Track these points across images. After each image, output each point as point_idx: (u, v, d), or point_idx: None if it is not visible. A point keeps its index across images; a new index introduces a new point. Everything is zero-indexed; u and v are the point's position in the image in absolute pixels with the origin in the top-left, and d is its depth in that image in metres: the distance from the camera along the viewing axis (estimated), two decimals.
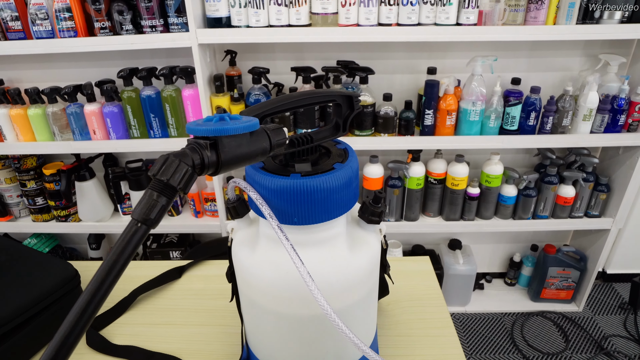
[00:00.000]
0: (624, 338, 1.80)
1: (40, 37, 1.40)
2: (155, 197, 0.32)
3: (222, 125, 0.35)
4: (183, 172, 0.32)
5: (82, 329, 0.30)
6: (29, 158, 1.68)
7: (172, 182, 0.32)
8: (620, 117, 1.51)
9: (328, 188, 0.44)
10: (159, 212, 0.32)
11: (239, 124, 0.36)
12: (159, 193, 0.32)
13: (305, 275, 0.40)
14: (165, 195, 0.32)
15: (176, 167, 0.32)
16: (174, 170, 0.32)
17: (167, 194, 0.32)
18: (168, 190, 0.32)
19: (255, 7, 1.33)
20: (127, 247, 0.31)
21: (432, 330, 0.71)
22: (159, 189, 0.32)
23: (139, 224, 0.31)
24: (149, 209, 0.31)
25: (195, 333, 0.71)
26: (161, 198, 0.32)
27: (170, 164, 0.32)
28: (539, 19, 1.36)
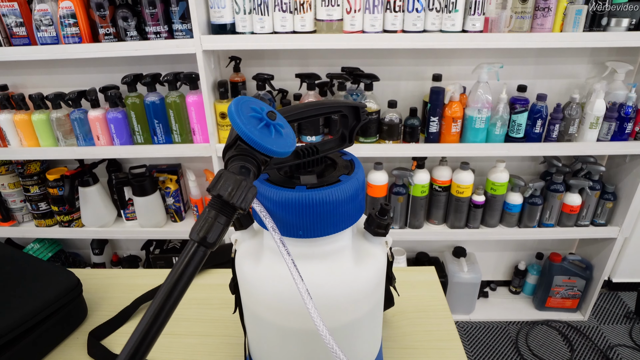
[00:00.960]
0: (629, 348, 1.77)
1: (45, 43, 1.40)
2: (213, 217, 0.31)
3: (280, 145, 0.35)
4: (247, 191, 0.31)
5: (142, 356, 0.29)
6: (32, 163, 1.68)
7: (234, 201, 0.31)
8: (627, 125, 1.50)
9: (334, 201, 0.43)
10: (220, 234, 0.31)
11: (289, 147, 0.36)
12: (218, 212, 0.31)
13: (303, 291, 0.39)
14: (225, 215, 0.31)
15: (239, 184, 0.31)
16: (236, 188, 0.31)
17: (227, 214, 0.31)
18: (228, 210, 0.31)
19: (260, 14, 1.33)
20: (187, 270, 0.30)
21: (437, 342, 0.69)
22: (218, 207, 0.31)
23: (197, 245, 0.30)
24: (208, 230, 0.30)
25: (198, 344, 0.70)
26: (221, 218, 0.31)
27: (236, 183, 0.31)
28: (545, 26, 1.35)
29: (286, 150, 0.36)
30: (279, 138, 0.36)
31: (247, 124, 0.34)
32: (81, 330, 0.73)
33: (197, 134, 1.53)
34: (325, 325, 0.38)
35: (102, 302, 0.80)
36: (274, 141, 0.35)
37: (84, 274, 0.82)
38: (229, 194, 0.30)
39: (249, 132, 0.34)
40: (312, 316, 0.38)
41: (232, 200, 0.30)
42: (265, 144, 0.34)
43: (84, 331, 0.72)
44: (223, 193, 0.30)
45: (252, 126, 0.35)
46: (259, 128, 0.35)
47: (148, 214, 1.69)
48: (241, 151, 0.35)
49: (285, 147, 0.36)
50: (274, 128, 0.36)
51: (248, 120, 0.35)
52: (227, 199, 0.30)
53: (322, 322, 0.38)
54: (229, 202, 0.30)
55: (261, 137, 0.34)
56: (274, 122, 0.36)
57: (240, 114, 0.35)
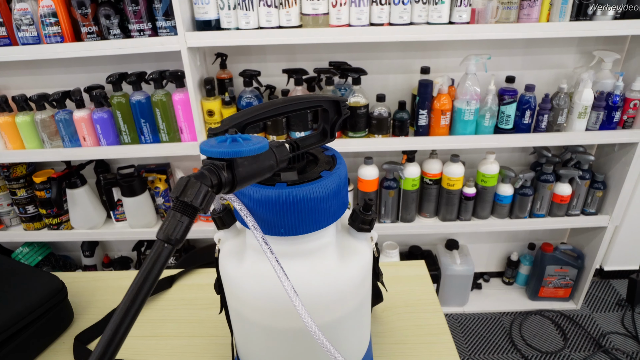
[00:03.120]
0: (622, 335, 1.79)
1: (26, 43, 1.37)
2: (178, 218, 0.33)
3: (237, 147, 0.36)
4: (204, 193, 0.34)
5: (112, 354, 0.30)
6: (18, 166, 1.66)
7: (194, 203, 0.33)
8: (615, 114, 1.50)
9: (315, 197, 0.42)
10: (183, 232, 0.33)
11: (253, 146, 0.37)
12: (182, 214, 0.33)
13: (289, 289, 0.38)
14: (188, 215, 0.33)
15: (197, 189, 0.33)
16: (195, 192, 0.33)
17: (189, 214, 0.33)
18: (190, 210, 0.33)
19: (245, 9, 1.32)
20: (155, 267, 0.32)
21: (427, 337, 0.69)
22: (182, 209, 0.33)
23: (165, 244, 0.33)
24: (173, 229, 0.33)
25: (186, 345, 0.69)
26: (184, 218, 0.33)
27: (191, 185, 0.33)
28: (532, 17, 1.34)
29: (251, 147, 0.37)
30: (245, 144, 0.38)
31: (208, 145, 0.38)
32: (67, 335, 0.72)
33: (185, 132, 1.52)
34: (313, 321, 0.38)
35: (89, 306, 0.78)
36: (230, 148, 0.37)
37: (70, 277, 0.81)
38: (185, 195, 0.33)
39: (202, 146, 0.37)
40: (299, 312, 0.38)
41: (191, 200, 0.33)
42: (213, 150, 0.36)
43: (70, 335, 0.71)
44: (183, 196, 0.33)
45: (210, 145, 0.37)
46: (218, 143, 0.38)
47: (138, 215, 1.68)
48: (205, 164, 0.38)
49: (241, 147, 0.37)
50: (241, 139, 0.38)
51: (211, 144, 0.38)
52: (186, 200, 0.33)
53: (310, 317, 0.38)
54: (187, 203, 0.33)
55: (211, 147, 0.37)
56: (237, 135, 0.38)
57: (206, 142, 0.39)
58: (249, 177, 0.38)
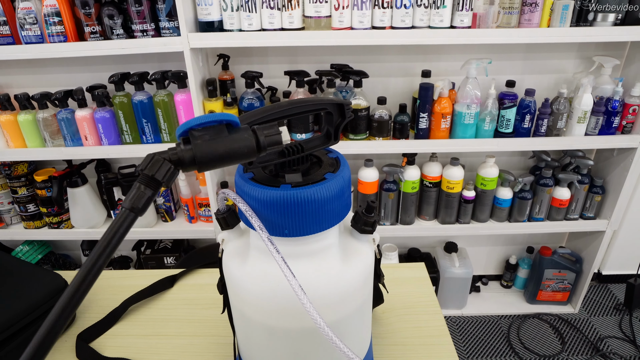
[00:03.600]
0: (619, 339, 1.80)
1: (30, 42, 1.38)
2: (142, 189, 0.36)
3: (190, 121, 0.38)
4: (166, 168, 0.36)
5: (70, 312, 0.33)
6: (19, 164, 1.66)
7: (157, 176, 0.36)
8: (615, 119, 1.51)
9: (319, 199, 0.43)
10: (146, 202, 0.36)
11: (206, 117, 0.38)
12: (146, 186, 0.36)
13: (297, 288, 0.39)
14: (151, 187, 0.36)
15: (160, 164, 0.36)
16: (158, 167, 0.36)
17: (153, 187, 0.36)
18: (153, 184, 0.36)
19: (248, 11, 1.32)
20: (118, 232, 0.35)
21: (427, 338, 0.70)
22: (146, 182, 0.36)
23: (128, 212, 0.35)
24: (137, 199, 0.35)
25: (188, 344, 0.70)
26: (147, 190, 0.36)
27: (156, 161, 0.36)
28: (533, 22, 1.35)
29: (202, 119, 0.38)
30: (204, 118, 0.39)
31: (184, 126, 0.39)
32: (69, 333, 0.72)
33: None
34: (321, 318, 0.38)
35: (91, 304, 0.79)
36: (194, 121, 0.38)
37: (71, 276, 0.82)
38: (149, 170, 0.36)
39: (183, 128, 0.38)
40: (307, 310, 0.38)
41: (153, 174, 0.36)
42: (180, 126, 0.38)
43: (73, 334, 0.72)
44: (148, 170, 0.36)
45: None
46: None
47: None
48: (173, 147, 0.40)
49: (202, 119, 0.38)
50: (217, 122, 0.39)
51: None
52: (149, 173, 0.36)
53: (319, 315, 0.38)
54: (150, 176, 0.36)
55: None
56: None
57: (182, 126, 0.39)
58: (214, 155, 0.38)
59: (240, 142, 0.38)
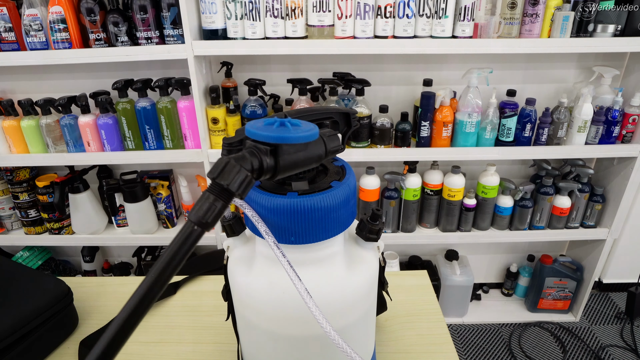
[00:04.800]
0: (620, 348, 1.79)
1: (35, 48, 1.39)
2: (212, 201, 0.31)
3: (284, 132, 0.34)
4: (242, 177, 0.32)
5: (132, 327, 0.29)
6: (22, 170, 1.66)
7: (231, 187, 0.31)
8: (615, 129, 1.52)
9: (326, 207, 0.43)
10: (215, 216, 0.31)
11: (302, 133, 0.35)
12: (217, 197, 0.31)
13: (304, 294, 0.39)
14: (222, 199, 0.31)
15: (237, 172, 0.31)
16: (234, 175, 0.31)
17: (224, 198, 0.31)
18: (225, 195, 0.32)
19: (252, 19, 1.34)
20: (182, 247, 0.31)
21: (430, 346, 0.70)
22: (217, 192, 0.31)
23: (195, 226, 0.31)
24: (206, 212, 0.31)
25: (190, 351, 0.70)
26: (218, 202, 0.31)
27: (230, 168, 0.31)
28: (533, 32, 1.37)
29: (299, 134, 0.35)
30: (294, 130, 0.36)
31: (254, 126, 0.36)
32: (72, 340, 0.72)
33: (189, 139, 1.53)
34: (328, 323, 0.38)
35: (93, 311, 0.79)
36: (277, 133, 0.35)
37: (74, 282, 0.82)
38: (222, 178, 0.31)
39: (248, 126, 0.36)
40: (315, 316, 0.38)
41: (230, 185, 0.31)
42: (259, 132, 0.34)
43: (75, 340, 0.72)
44: (220, 178, 0.31)
45: (257, 127, 0.36)
46: (265, 125, 0.36)
47: (139, 221, 1.68)
48: (248, 146, 0.36)
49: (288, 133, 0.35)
50: (289, 124, 0.36)
51: (257, 126, 0.36)
52: (223, 183, 0.31)
53: (326, 320, 0.38)
54: (226, 188, 0.31)
55: (257, 129, 0.35)
56: (286, 120, 0.37)
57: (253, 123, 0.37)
58: (293, 166, 0.36)
59: (314, 151, 0.39)
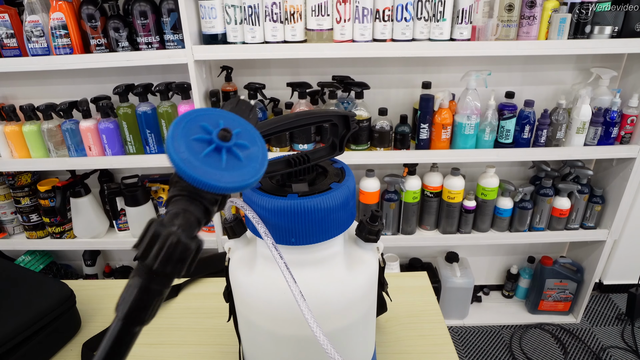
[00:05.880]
0: (622, 349, 1.79)
1: (36, 54, 1.40)
2: (138, 288, 0.24)
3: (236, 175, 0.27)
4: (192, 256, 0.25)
5: None
6: (23, 175, 1.67)
7: (176, 273, 0.24)
8: (613, 130, 1.53)
9: (325, 208, 0.44)
10: (154, 309, 0.25)
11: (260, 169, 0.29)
12: (154, 284, 0.25)
13: (297, 294, 0.40)
14: (165, 285, 0.25)
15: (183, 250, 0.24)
16: (179, 256, 0.24)
17: (166, 284, 0.25)
18: (167, 280, 0.25)
19: (251, 24, 1.35)
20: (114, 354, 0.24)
21: (431, 347, 0.70)
22: (144, 274, 0.25)
23: (124, 324, 0.25)
24: (140, 308, 0.24)
25: (192, 353, 0.70)
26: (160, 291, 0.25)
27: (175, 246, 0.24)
28: (531, 34, 1.38)
29: (239, 184, 0.27)
30: (233, 166, 0.28)
31: (184, 150, 0.26)
32: (75, 342, 0.73)
33: None
34: (319, 327, 0.39)
35: (96, 313, 0.79)
36: (222, 172, 0.27)
37: (77, 285, 0.82)
38: (156, 259, 0.23)
39: (182, 162, 0.25)
40: (305, 317, 0.39)
41: (163, 269, 0.24)
42: (203, 178, 0.25)
43: (78, 343, 0.72)
44: (152, 262, 0.24)
45: (193, 153, 0.26)
46: (204, 156, 0.27)
47: (141, 224, 1.69)
48: (182, 189, 0.27)
49: (238, 179, 0.27)
50: (226, 152, 0.28)
51: (189, 145, 0.26)
52: (157, 268, 0.24)
53: (316, 322, 0.39)
54: (157, 271, 0.24)
55: (200, 169, 0.26)
56: (228, 143, 0.28)
57: (177, 137, 0.26)
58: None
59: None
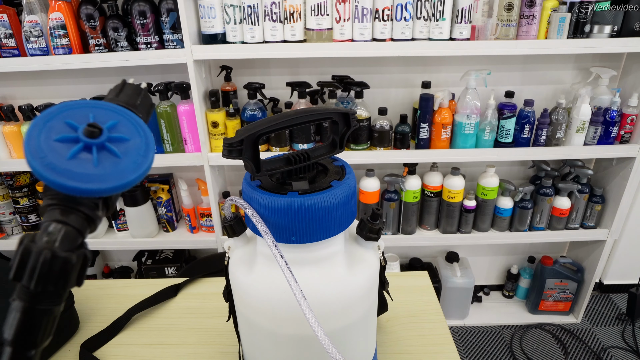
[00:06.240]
0: (622, 349, 1.79)
1: (35, 54, 1.40)
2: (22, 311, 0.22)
3: (110, 173, 0.24)
4: (78, 269, 0.22)
5: None
6: (22, 175, 1.67)
7: (61, 289, 0.22)
8: (613, 129, 1.53)
9: (326, 206, 0.44)
10: (48, 330, 0.23)
11: (133, 166, 0.25)
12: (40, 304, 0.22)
13: (297, 293, 0.39)
14: (54, 303, 0.23)
15: (62, 264, 0.22)
16: (59, 272, 0.22)
17: (54, 301, 0.23)
18: (54, 298, 0.23)
19: (250, 24, 1.35)
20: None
21: (431, 346, 0.70)
22: (29, 300, 0.22)
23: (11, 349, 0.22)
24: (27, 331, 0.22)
25: (192, 353, 0.70)
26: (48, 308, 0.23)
27: (51, 262, 0.22)
28: (530, 34, 1.38)
29: (116, 183, 0.24)
30: (109, 164, 0.25)
31: (47, 154, 0.23)
32: (73, 342, 0.72)
33: (189, 143, 1.53)
34: (320, 326, 0.38)
35: (94, 313, 0.79)
36: (94, 173, 0.24)
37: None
38: (31, 279, 0.21)
39: (41, 168, 0.23)
40: (306, 316, 0.38)
41: (43, 287, 0.21)
42: (69, 183, 0.22)
43: (76, 343, 0.72)
44: (27, 282, 0.22)
45: (57, 156, 0.24)
46: (70, 157, 0.24)
47: (140, 225, 1.68)
48: (53, 197, 0.24)
49: (114, 177, 0.24)
50: (97, 150, 0.25)
51: (51, 147, 0.24)
52: (36, 289, 0.22)
53: (317, 322, 0.38)
54: (39, 293, 0.22)
55: (65, 173, 0.23)
56: (98, 140, 0.25)
57: (36, 138, 0.23)
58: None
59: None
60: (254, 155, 0.45)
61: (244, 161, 0.45)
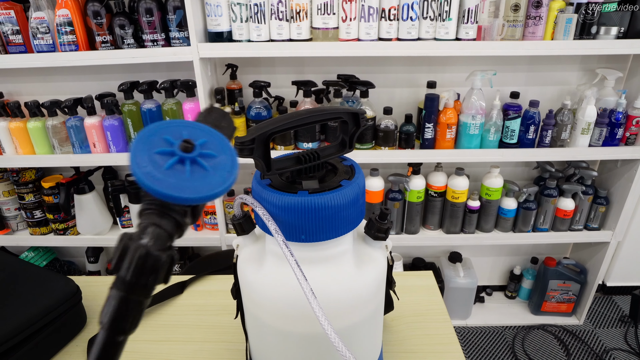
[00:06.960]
0: (625, 352, 1.79)
1: (41, 50, 1.40)
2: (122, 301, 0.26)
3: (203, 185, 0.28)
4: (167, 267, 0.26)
5: None
6: (27, 171, 1.67)
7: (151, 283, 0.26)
8: (618, 131, 1.52)
9: (336, 205, 0.44)
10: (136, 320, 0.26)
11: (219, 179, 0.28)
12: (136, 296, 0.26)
13: (308, 291, 0.40)
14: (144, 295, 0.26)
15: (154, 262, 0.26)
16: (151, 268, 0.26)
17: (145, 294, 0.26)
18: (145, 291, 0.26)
19: (257, 22, 1.35)
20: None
21: (437, 346, 0.70)
22: (126, 290, 0.26)
23: (111, 334, 0.26)
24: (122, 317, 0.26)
25: (198, 350, 0.70)
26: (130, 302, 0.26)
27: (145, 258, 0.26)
28: (537, 35, 1.37)
29: (205, 194, 0.28)
30: (199, 176, 0.28)
31: (147, 164, 0.27)
32: (80, 338, 0.73)
33: None
34: (330, 324, 0.39)
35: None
36: (187, 183, 0.27)
37: (82, 281, 0.82)
38: (128, 270, 0.25)
39: (144, 176, 0.26)
40: (316, 314, 0.39)
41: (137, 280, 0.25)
42: (165, 190, 0.26)
43: (84, 338, 0.72)
44: (124, 274, 0.25)
45: (156, 167, 0.27)
46: (166, 168, 0.27)
47: None
48: (150, 203, 0.28)
49: (204, 189, 0.27)
50: (190, 163, 0.29)
51: (151, 159, 0.27)
52: (131, 280, 0.25)
53: (327, 320, 0.39)
54: (133, 284, 0.26)
55: (162, 182, 0.26)
56: (191, 154, 0.29)
57: (139, 151, 0.27)
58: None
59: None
60: (265, 154, 0.45)
61: (255, 160, 0.45)
